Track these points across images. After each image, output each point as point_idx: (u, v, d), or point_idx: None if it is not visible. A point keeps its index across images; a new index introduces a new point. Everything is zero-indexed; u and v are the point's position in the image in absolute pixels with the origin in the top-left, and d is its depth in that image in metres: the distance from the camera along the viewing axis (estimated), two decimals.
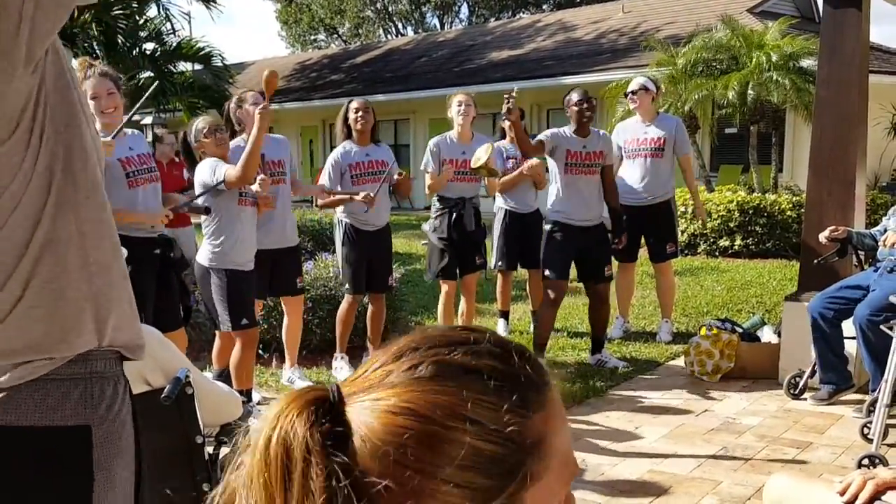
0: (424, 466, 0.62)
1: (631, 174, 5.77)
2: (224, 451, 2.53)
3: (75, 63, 3.80)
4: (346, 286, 5.09)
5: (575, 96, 5.14)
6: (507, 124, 5.56)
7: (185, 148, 4.23)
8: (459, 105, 5.19)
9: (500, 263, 5.97)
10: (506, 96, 4.75)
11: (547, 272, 5.17)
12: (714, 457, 3.78)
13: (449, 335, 0.69)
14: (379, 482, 0.61)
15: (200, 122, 4.21)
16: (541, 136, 5.16)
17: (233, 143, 4.41)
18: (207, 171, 4.05)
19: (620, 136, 5.89)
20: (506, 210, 5.83)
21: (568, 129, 5.16)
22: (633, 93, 5.78)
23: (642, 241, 5.93)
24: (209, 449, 2.38)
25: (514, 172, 5.69)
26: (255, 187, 4.18)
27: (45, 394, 1.21)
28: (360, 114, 4.95)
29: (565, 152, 5.07)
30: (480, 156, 5.06)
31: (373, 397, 0.64)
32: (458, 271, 5.30)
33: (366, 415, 0.64)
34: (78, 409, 1.22)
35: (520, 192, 5.74)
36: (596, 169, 5.13)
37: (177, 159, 6.97)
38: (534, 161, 5.57)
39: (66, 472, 1.23)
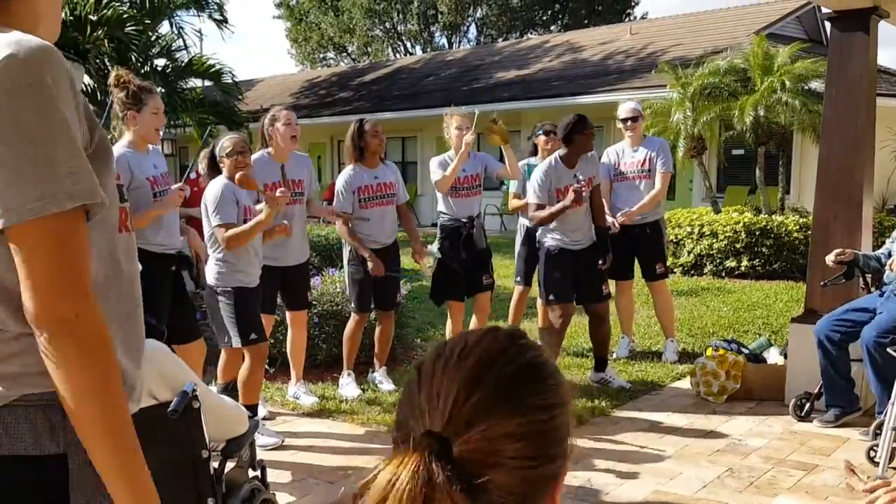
0: (544, 456, 0.82)
1: (620, 196, 5.83)
2: (229, 465, 2.53)
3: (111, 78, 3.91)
4: (353, 305, 5.10)
5: (567, 118, 5.04)
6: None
7: (212, 160, 4.26)
8: (459, 129, 5.18)
9: (518, 279, 5.98)
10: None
11: (551, 297, 5.12)
12: (720, 478, 3.77)
13: (489, 346, 0.86)
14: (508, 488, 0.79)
15: (226, 141, 4.20)
16: (533, 199, 5.02)
17: (256, 156, 4.53)
18: (210, 203, 4.07)
19: (610, 159, 5.94)
20: (527, 227, 5.83)
21: (557, 159, 5.07)
22: (626, 120, 5.84)
23: (635, 260, 5.94)
24: (214, 464, 2.38)
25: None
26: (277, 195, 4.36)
27: (14, 420, 1.16)
28: (378, 137, 5.01)
29: (556, 192, 5.02)
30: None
31: (481, 430, 0.79)
32: (464, 292, 5.30)
33: (481, 447, 0.79)
34: (54, 436, 1.18)
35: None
36: (586, 199, 5.04)
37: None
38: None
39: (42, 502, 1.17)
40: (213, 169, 4.24)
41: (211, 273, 4.16)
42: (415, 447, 0.79)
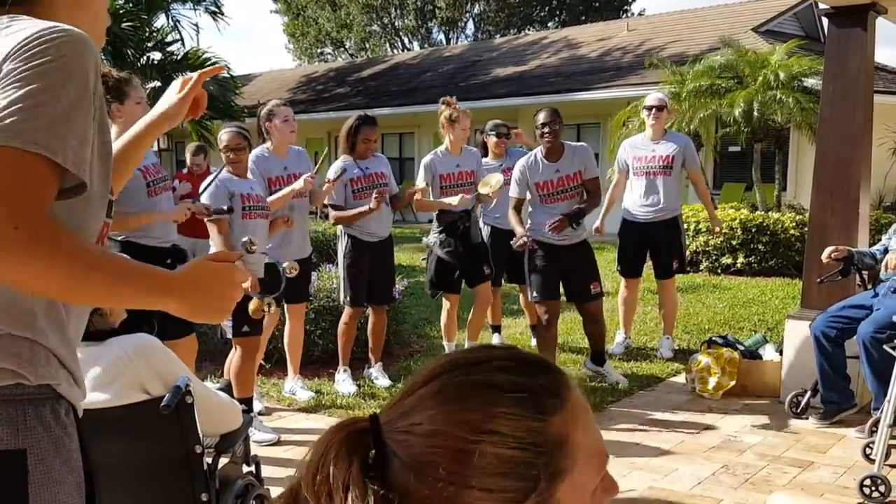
0: (456, 478, 0.71)
1: (639, 191, 5.75)
2: (223, 461, 2.52)
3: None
4: (346, 298, 5.08)
5: (540, 117, 4.97)
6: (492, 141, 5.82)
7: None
8: (450, 122, 5.21)
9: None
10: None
11: (534, 294, 5.06)
12: (715, 475, 3.76)
13: (470, 356, 0.79)
14: (415, 497, 0.71)
15: (223, 134, 4.21)
16: (512, 193, 5.07)
17: (256, 152, 4.58)
18: (204, 195, 4.13)
19: (628, 152, 5.87)
20: (491, 227, 5.81)
21: (539, 154, 5.04)
22: (652, 108, 5.76)
23: (646, 257, 5.93)
24: (208, 459, 2.37)
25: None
26: (298, 185, 4.45)
27: None
28: (368, 144, 5.02)
29: (535, 186, 5.00)
30: (492, 184, 5.14)
31: (408, 423, 0.74)
32: (463, 283, 5.34)
33: (402, 439, 0.73)
34: (10, 431, 1.13)
35: (507, 209, 5.72)
36: (575, 192, 5.00)
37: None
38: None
39: None
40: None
41: None
42: (353, 426, 0.76)
